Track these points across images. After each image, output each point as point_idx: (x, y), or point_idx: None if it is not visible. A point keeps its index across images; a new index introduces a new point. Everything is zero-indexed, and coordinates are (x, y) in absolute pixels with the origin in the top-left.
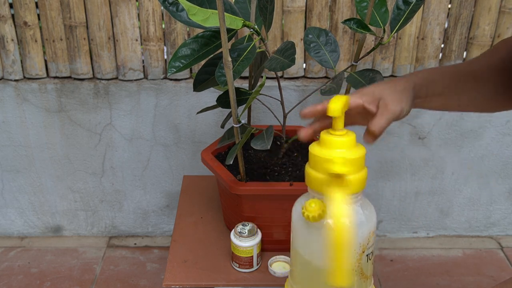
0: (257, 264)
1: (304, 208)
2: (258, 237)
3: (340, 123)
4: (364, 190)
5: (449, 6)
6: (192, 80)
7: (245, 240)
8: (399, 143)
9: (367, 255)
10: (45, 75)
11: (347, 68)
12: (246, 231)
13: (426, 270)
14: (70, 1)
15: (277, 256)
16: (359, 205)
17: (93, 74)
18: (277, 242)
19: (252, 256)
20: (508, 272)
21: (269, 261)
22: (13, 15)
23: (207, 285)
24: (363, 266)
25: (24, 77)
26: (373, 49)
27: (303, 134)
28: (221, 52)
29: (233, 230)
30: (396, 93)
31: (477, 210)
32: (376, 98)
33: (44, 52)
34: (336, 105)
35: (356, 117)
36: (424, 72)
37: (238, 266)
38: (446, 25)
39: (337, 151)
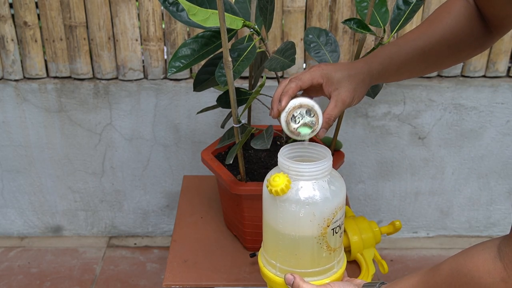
0: None
1: (268, 182)
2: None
3: None
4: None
5: None
6: (192, 80)
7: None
8: (399, 143)
9: (333, 229)
10: (45, 75)
11: None
12: (300, 120)
13: None
14: (70, 1)
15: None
16: (326, 181)
17: (93, 74)
18: None
19: None
20: None
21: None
22: (13, 15)
23: (207, 285)
24: (328, 239)
25: (24, 77)
26: (373, 49)
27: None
28: (221, 52)
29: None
30: (351, 83)
31: (477, 210)
32: (333, 84)
33: (44, 52)
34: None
35: (310, 90)
36: (381, 56)
37: None
38: None
39: None
